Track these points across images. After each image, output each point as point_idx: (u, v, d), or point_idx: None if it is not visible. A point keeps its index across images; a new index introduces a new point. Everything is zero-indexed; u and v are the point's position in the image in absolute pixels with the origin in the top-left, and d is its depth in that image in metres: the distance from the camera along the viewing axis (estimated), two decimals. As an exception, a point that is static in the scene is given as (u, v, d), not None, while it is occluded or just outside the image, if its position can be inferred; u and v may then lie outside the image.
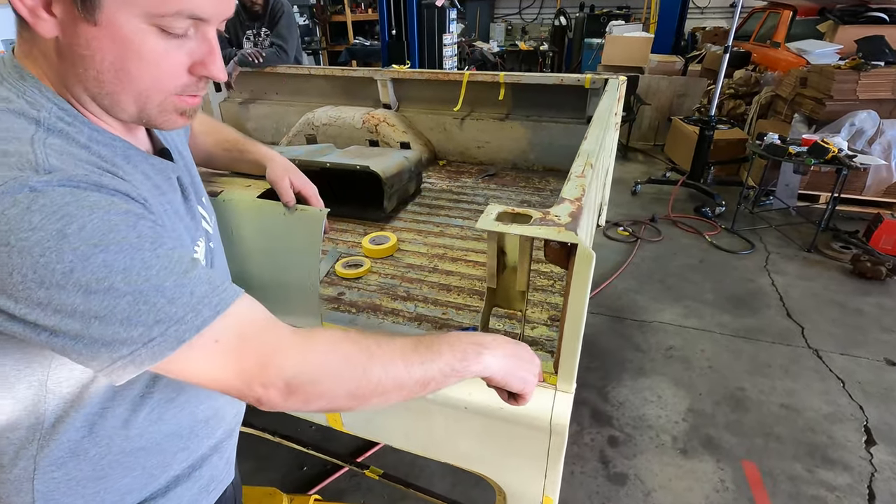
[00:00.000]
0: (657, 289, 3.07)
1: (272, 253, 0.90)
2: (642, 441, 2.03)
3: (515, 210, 0.82)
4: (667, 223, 3.92)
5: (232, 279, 0.95)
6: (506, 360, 0.65)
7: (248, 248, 0.92)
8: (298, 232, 0.88)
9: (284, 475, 1.86)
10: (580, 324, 0.74)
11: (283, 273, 0.90)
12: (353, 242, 1.98)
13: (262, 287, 0.93)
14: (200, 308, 0.49)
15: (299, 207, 0.89)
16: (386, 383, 0.56)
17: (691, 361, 2.47)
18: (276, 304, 1.02)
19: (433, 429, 0.94)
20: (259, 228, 0.91)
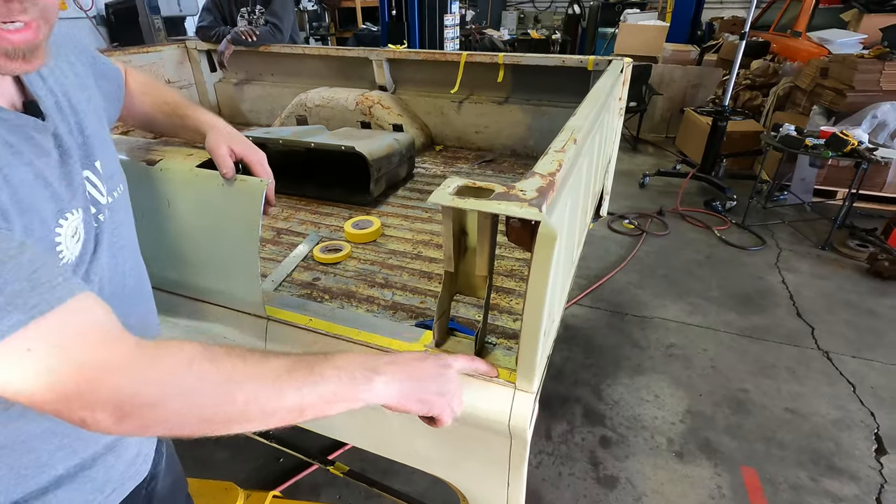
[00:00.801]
0: (660, 284, 2.95)
1: (210, 229, 0.82)
2: (636, 442, 1.93)
3: (477, 184, 0.72)
4: (674, 217, 3.78)
5: (168, 257, 0.87)
6: (402, 385, 0.59)
7: (185, 222, 0.84)
8: (237, 205, 0.79)
9: (260, 466, 1.80)
10: (540, 314, 0.64)
11: (221, 251, 0.82)
12: (335, 226, 1.90)
13: (200, 267, 0.85)
14: (10, 310, 0.40)
15: (238, 178, 0.80)
16: (250, 409, 0.48)
17: (692, 360, 2.36)
18: (216, 287, 0.94)
19: (389, 427, 0.85)
20: (196, 201, 0.82)
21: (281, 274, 1.54)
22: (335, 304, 1.40)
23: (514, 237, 0.70)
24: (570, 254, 1.20)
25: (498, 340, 1.19)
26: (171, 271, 0.88)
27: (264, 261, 1.64)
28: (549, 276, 0.63)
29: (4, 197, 0.45)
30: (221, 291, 0.86)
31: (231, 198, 0.79)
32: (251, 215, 0.78)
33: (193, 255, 0.84)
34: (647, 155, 5.22)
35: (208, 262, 0.84)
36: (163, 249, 0.87)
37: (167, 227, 0.85)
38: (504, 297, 1.39)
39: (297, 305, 0.89)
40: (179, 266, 0.87)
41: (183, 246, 0.85)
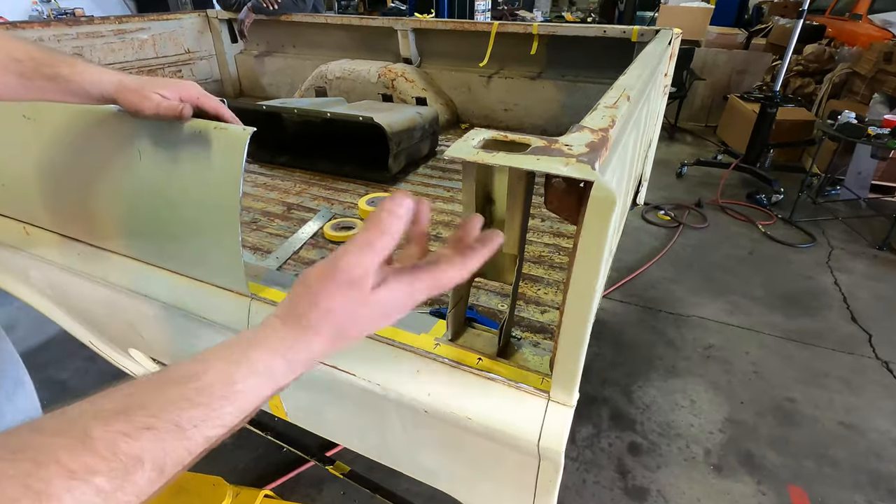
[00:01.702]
0: (698, 280, 2.74)
1: (185, 187, 0.68)
2: (669, 451, 1.75)
3: (509, 136, 0.57)
4: (714, 209, 3.53)
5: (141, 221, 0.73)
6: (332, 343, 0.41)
7: (159, 179, 0.70)
8: (215, 159, 0.65)
9: (260, 456, 1.70)
10: (589, 305, 0.48)
11: (197, 216, 0.69)
12: (350, 203, 1.77)
13: (176, 235, 0.72)
14: None
15: (218, 126, 0.65)
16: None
17: (733, 364, 2.15)
18: (193, 258, 0.80)
19: (389, 432, 0.71)
20: (171, 154, 0.69)
21: (286, 251, 1.42)
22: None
23: (555, 204, 0.54)
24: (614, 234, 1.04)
25: (523, 334, 1.05)
26: (145, 238, 0.76)
27: (271, 237, 1.52)
28: (603, 255, 0.47)
29: None
30: (199, 263, 0.73)
31: (208, 150, 0.65)
32: (231, 172, 0.64)
33: (169, 219, 0.71)
34: (686, 144, 4.93)
35: (184, 228, 0.71)
36: (136, 212, 0.74)
37: (140, 185, 0.72)
38: (531, 285, 1.23)
39: (287, 283, 0.76)
40: (154, 233, 0.74)
41: (157, 208, 0.72)
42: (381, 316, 0.43)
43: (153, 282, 0.78)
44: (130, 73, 2.79)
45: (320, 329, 0.40)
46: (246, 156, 0.63)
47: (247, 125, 2.03)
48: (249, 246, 1.46)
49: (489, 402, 0.57)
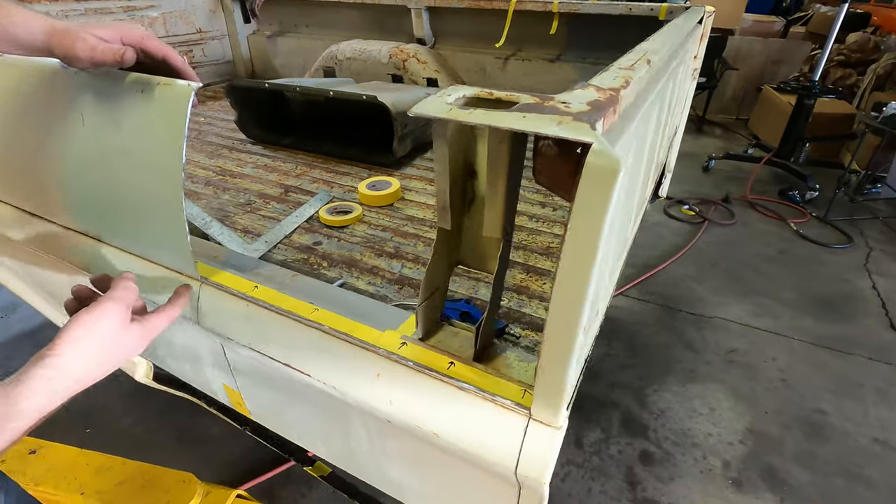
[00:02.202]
0: (722, 279, 2.58)
1: (127, 153, 0.60)
2: (684, 462, 1.63)
3: (495, 94, 0.46)
4: (742, 205, 3.34)
5: (87, 192, 0.65)
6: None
7: (102, 145, 0.62)
8: (157, 119, 0.56)
9: (254, 447, 1.63)
10: (580, 304, 0.38)
11: (140, 185, 0.60)
12: (350, 187, 1.68)
13: (121, 207, 0.63)
14: None
15: (161, 80, 0.56)
16: None
17: (758, 370, 2.01)
18: (139, 235, 0.63)
19: (354, 440, 0.61)
20: (113, 116, 0.60)
21: (277, 235, 1.34)
22: (333, 272, 1.18)
23: (546, 176, 0.44)
24: (627, 223, 0.92)
25: (523, 332, 0.94)
26: (92, 212, 0.68)
27: (264, 219, 1.45)
28: (600, 240, 0.36)
29: None
30: (145, 241, 0.65)
31: (151, 110, 0.56)
32: (173, 135, 0.55)
33: (113, 191, 0.63)
34: (714, 137, 4.71)
35: (128, 201, 0.63)
36: (82, 183, 0.66)
37: (83, 151, 0.64)
38: (536, 279, 1.12)
39: (245, 267, 0.67)
40: (101, 205, 0.66)
41: (102, 178, 0.63)
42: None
43: (104, 261, 0.70)
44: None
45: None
46: (189, 114, 0.54)
47: (250, 104, 1.93)
48: (240, 228, 1.39)
49: (459, 416, 0.47)
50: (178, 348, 0.74)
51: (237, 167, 1.83)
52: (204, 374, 0.76)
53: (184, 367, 0.81)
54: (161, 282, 0.65)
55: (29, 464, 1.00)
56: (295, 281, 0.67)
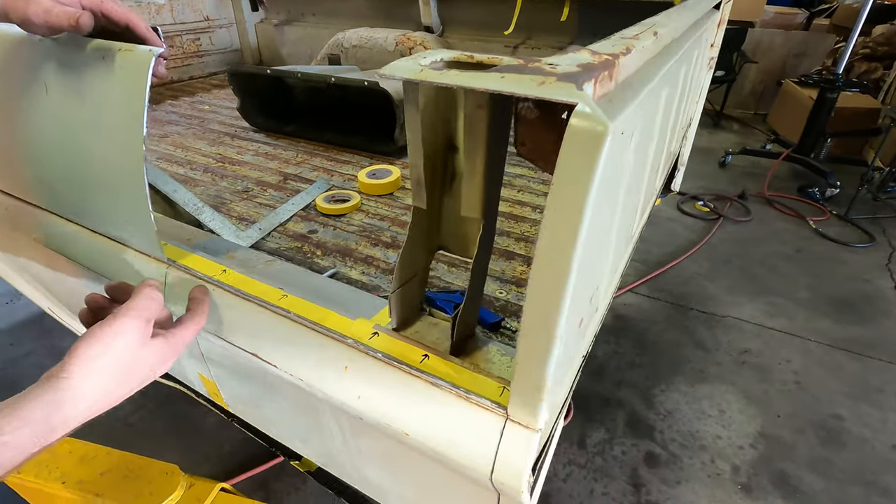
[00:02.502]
0: (736, 277, 2.50)
1: (89, 124, 0.56)
2: (691, 465, 1.57)
3: (476, 57, 0.41)
4: (759, 202, 3.24)
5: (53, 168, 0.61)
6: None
7: (66, 116, 0.58)
8: (117, 87, 0.52)
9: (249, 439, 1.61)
10: (561, 290, 0.33)
11: (102, 157, 0.56)
12: (350, 176, 1.64)
13: (86, 183, 0.60)
14: None
15: (122, 47, 0.52)
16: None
17: (771, 372, 1.93)
18: (104, 212, 0.59)
19: (328, 437, 0.57)
20: (76, 85, 0.56)
21: (272, 222, 1.30)
22: (326, 261, 1.15)
23: (528, 146, 0.39)
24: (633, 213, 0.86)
25: (518, 325, 0.89)
26: (58, 189, 0.64)
27: (260, 206, 1.41)
28: (583, 217, 0.31)
29: None
30: (111, 220, 0.61)
31: (111, 78, 0.52)
32: (133, 104, 0.51)
33: (77, 165, 0.59)
34: (731, 132, 4.58)
35: (92, 175, 0.59)
36: (45, 157, 0.63)
37: (47, 124, 0.60)
38: (536, 271, 1.07)
39: (218, 251, 0.63)
40: (66, 182, 0.63)
41: (66, 152, 0.60)
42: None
43: (73, 241, 0.67)
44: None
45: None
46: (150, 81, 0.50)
47: (253, 91, 1.90)
48: (235, 216, 1.36)
49: (431, 414, 0.42)
50: (154, 336, 0.71)
51: (237, 154, 1.80)
52: (180, 363, 0.73)
53: (161, 355, 0.78)
54: (129, 264, 0.61)
55: (12, 451, 0.97)
56: (270, 266, 0.63)
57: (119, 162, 0.53)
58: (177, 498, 0.93)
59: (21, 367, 1.89)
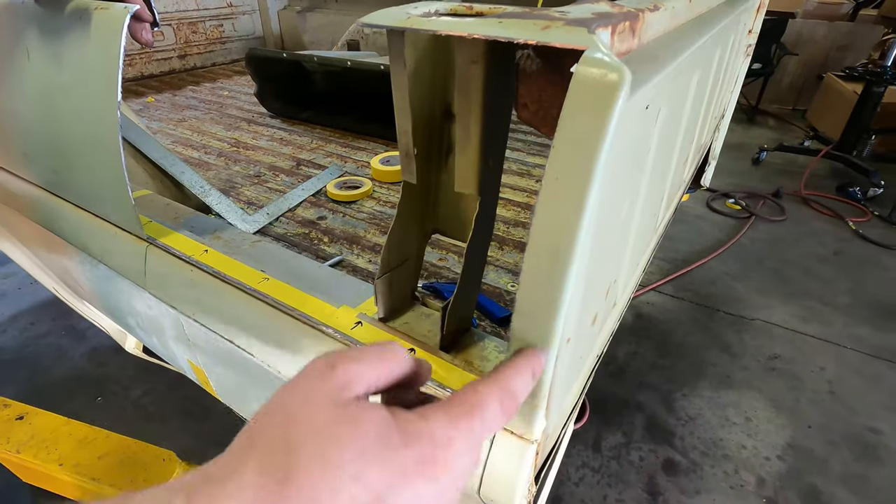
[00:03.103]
0: (767, 279, 2.37)
1: (68, 90, 0.52)
2: (712, 475, 1.49)
3: (475, 7, 0.36)
4: (795, 201, 3.08)
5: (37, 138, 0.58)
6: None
7: (47, 83, 0.55)
8: (92, 49, 0.48)
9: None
10: (562, 277, 0.27)
11: (79, 124, 0.53)
12: (363, 163, 1.60)
13: (66, 153, 0.56)
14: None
15: (97, 5, 0.48)
16: None
17: (803, 380, 1.83)
18: (83, 186, 0.57)
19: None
20: (56, 50, 0.53)
21: (280, 207, 1.27)
22: (333, 248, 1.11)
23: (529, 106, 0.33)
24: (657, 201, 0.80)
25: None
26: (40, 160, 0.61)
27: (270, 191, 1.39)
28: (590, 186, 0.25)
29: None
30: (90, 193, 0.58)
31: (86, 38, 0.49)
32: (107, 63, 0.47)
33: (57, 133, 0.56)
34: (767, 128, 4.38)
35: (70, 144, 0.56)
36: (27, 126, 0.60)
37: (29, 90, 0.57)
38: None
39: (204, 230, 0.59)
40: (47, 152, 0.59)
41: (45, 120, 0.57)
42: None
43: (57, 216, 0.64)
44: (170, 25, 2.73)
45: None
46: (124, 40, 0.46)
47: (270, 76, 1.87)
48: (244, 200, 1.33)
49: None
50: (143, 318, 0.68)
51: (252, 139, 1.78)
52: (170, 348, 0.70)
53: (151, 339, 0.75)
54: (111, 241, 0.58)
55: (14, 430, 0.97)
56: (254, 247, 0.58)
57: (94, 131, 0.50)
58: (172, 486, 0.91)
59: (39, 346, 1.92)
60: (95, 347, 1.94)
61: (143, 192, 0.69)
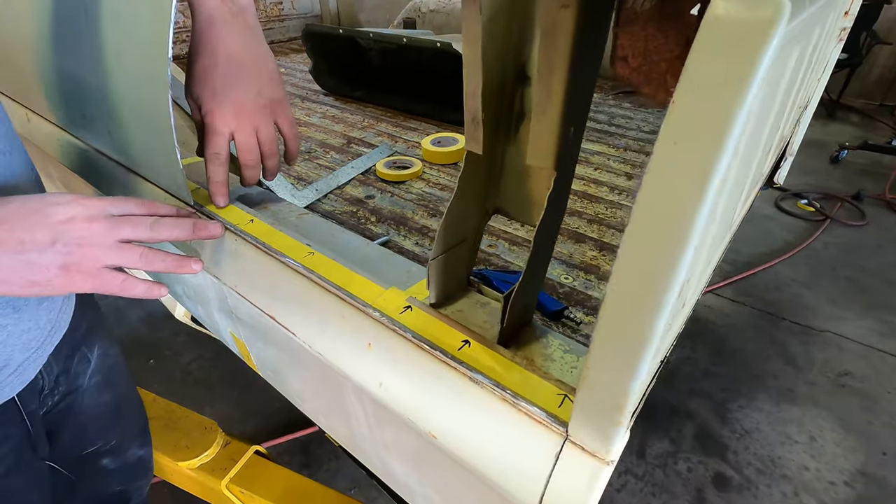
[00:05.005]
0: (841, 288, 2.17)
1: (120, 51, 0.50)
2: (768, 495, 1.38)
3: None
4: (877, 205, 2.81)
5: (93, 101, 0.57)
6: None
7: (103, 42, 0.53)
8: (142, 6, 0.46)
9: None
10: (676, 264, 0.22)
11: (130, 86, 0.51)
12: (414, 143, 1.57)
13: (118, 114, 0.55)
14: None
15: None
16: None
17: (877, 401, 1.66)
18: (135, 148, 0.57)
19: (353, 419, 0.50)
20: (110, 6, 0.51)
21: (329, 184, 1.25)
22: (379, 228, 1.08)
23: (633, 60, 0.27)
24: (738, 192, 0.71)
25: (587, 318, 0.79)
26: (100, 122, 0.61)
27: (320, 168, 1.37)
28: (718, 165, 0.20)
29: None
30: (141, 156, 0.57)
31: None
32: (159, 22, 0.44)
33: (113, 92, 0.55)
34: (849, 125, 4.03)
35: (123, 104, 0.54)
36: (90, 87, 0.59)
37: (88, 53, 0.56)
38: (610, 259, 0.94)
39: (253, 200, 0.56)
40: (106, 113, 0.58)
41: (102, 81, 0.55)
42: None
43: (111, 179, 0.63)
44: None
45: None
46: None
47: (326, 53, 1.85)
48: (294, 175, 1.33)
49: (465, 416, 0.33)
50: (190, 287, 0.67)
51: (305, 116, 1.78)
52: (214, 318, 0.69)
53: (197, 308, 0.75)
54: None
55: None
56: (301, 219, 0.56)
57: (145, 91, 0.48)
58: (212, 455, 0.92)
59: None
60: (151, 313, 2.02)
61: (194, 160, 0.68)
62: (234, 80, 0.50)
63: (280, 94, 0.56)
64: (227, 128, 0.51)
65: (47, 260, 0.37)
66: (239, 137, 0.53)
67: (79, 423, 0.64)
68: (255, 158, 0.56)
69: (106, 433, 0.69)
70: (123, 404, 0.74)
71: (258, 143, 0.54)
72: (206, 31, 0.49)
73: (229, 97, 0.50)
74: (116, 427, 0.71)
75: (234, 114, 0.51)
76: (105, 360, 0.69)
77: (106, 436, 0.69)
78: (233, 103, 0.50)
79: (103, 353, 0.68)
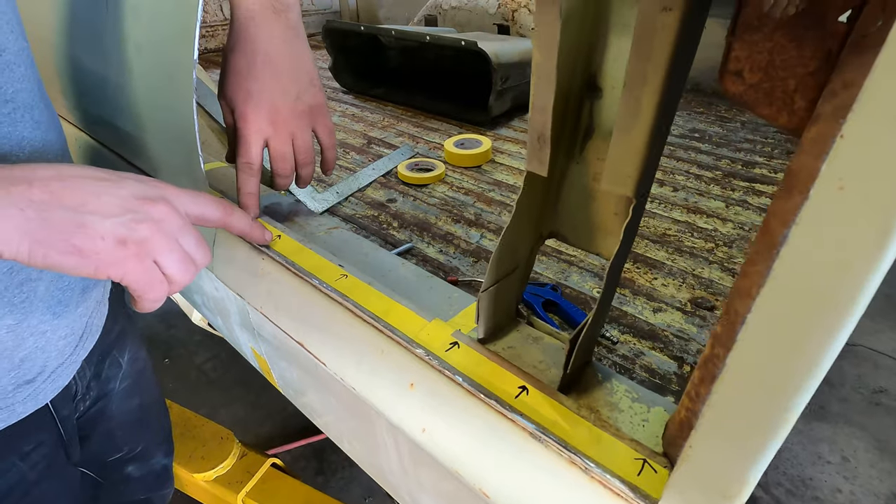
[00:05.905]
0: (877, 300, 2.06)
1: (142, 47, 0.47)
2: (799, 518, 1.33)
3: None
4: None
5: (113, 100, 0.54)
6: (30, 214, 0.29)
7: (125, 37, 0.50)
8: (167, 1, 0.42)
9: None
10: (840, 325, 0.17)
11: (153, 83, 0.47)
12: (436, 144, 1.52)
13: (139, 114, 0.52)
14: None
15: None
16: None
17: (915, 421, 1.59)
18: (156, 151, 0.54)
19: (382, 451, 0.46)
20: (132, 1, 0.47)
21: (350, 186, 1.22)
22: (402, 234, 1.04)
23: (753, 76, 0.23)
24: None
25: (622, 337, 0.75)
26: (119, 123, 0.57)
27: (340, 169, 1.34)
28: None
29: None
30: (162, 161, 0.53)
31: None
32: (185, 18, 0.41)
33: (135, 91, 0.51)
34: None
35: (144, 104, 0.51)
36: (109, 88, 0.56)
37: (109, 49, 0.53)
38: (645, 272, 0.90)
39: (278, 211, 0.53)
40: (125, 113, 0.55)
41: (125, 80, 0.52)
42: None
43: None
44: None
45: None
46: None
47: (345, 50, 1.81)
48: (314, 176, 1.29)
49: (524, 476, 0.29)
50: (209, 299, 0.64)
51: (324, 115, 1.75)
52: (234, 332, 0.66)
53: (216, 319, 0.72)
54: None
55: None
56: (330, 234, 0.52)
57: (168, 92, 0.44)
58: (228, 466, 0.89)
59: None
60: (167, 310, 2.01)
61: (216, 165, 0.65)
62: (272, 83, 0.46)
63: (320, 99, 0.53)
64: (262, 134, 0.48)
65: (106, 228, 0.31)
66: (273, 145, 0.50)
67: (107, 429, 0.62)
68: (290, 168, 0.52)
69: (132, 439, 0.67)
70: (150, 410, 0.71)
71: (293, 152, 0.51)
72: (244, 28, 0.45)
73: (265, 101, 0.46)
74: (143, 433, 0.69)
75: (269, 120, 0.47)
76: (135, 365, 0.67)
77: (132, 442, 0.67)
78: (269, 108, 0.47)
79: (133, 357, 0.66)
